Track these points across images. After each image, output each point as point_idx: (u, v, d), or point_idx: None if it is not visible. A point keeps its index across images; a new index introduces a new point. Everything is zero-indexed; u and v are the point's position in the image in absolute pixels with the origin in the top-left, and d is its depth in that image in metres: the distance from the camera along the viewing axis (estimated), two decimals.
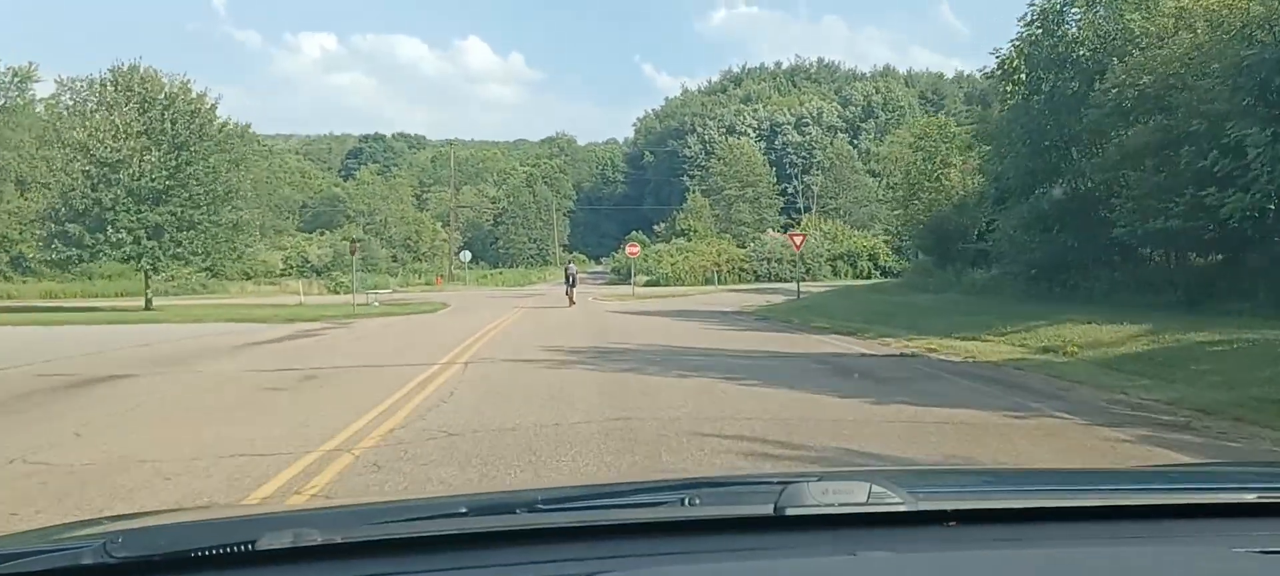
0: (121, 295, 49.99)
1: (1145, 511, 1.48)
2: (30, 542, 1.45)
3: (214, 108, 33.33)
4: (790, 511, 1.32)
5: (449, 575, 1.25)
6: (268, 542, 1.25)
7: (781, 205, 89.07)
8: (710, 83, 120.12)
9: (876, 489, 1.37)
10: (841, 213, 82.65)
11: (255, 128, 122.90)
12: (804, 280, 60.54)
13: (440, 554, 1.28)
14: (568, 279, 36.35)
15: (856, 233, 64.70)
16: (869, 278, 59.09)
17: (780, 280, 58.54)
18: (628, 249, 46.82)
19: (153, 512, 2.70)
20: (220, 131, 33.54)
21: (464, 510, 1.44)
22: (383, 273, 69.54)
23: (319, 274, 65.08)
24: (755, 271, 59.05)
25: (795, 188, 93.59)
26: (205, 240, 32.26)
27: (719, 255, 60.22)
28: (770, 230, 68.22)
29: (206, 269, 35.83)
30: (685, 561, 1.27)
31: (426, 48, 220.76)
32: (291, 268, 66.38)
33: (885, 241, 58.69)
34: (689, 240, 71.33)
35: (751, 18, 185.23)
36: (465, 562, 1.26)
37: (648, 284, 58.94)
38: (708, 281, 57.89)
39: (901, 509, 1.36)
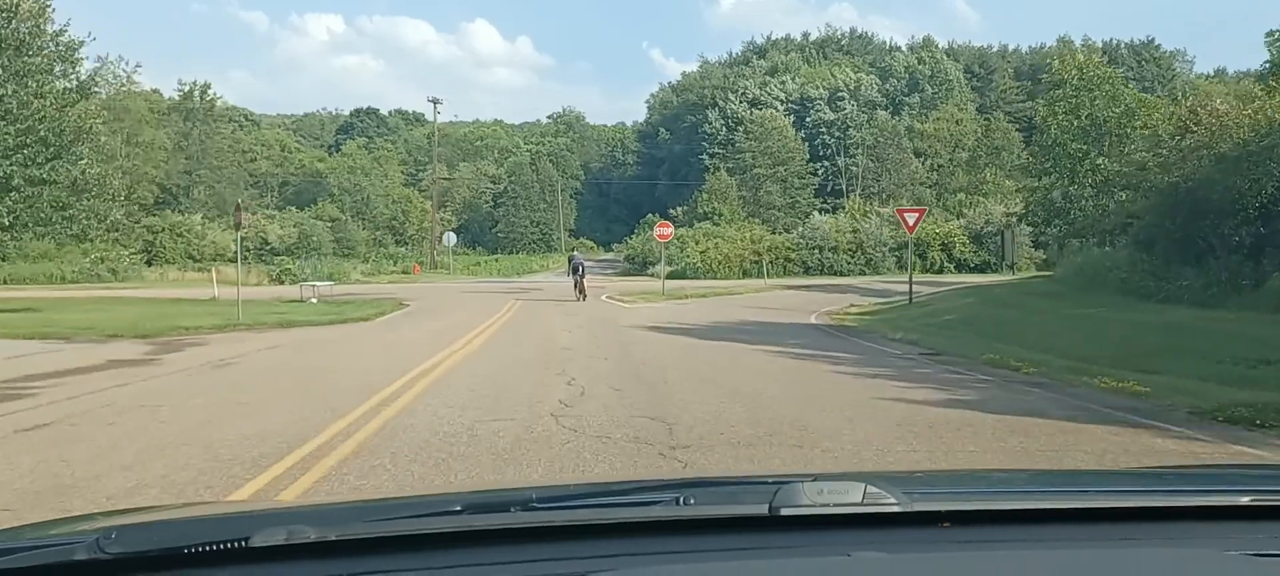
0: (23, 282, 38.58)
1: (1140, 513, 1.42)
2: (24, 537, 1.37)
3: (45, 9, 21.62)
4: (785, 511, 1.27)
5: (443, 573, 1.20)
6: (261, 539, 1.19)
7: (816, 187, 77.05)
8: (731, 55, 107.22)
9: (871, 489, 1.32)
10: (885, 196, 70.70)
11: (258, 110, 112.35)
12: (865, 275, 48.87)
13: (434, 552, 1.23)
14: (574, 269, 28.16)
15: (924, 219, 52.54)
16: (941, 272, 47.33)
17: (837, 272, 46.77)
18: (656, 230, 34.14)
19: (147, 508, 2.47)
20: (55, 43, 21.82)
21: (459, 508, 1.37)
22: (355, 258, 57.89)
23: (278, 256, 53.45)
24: (804, 262, 47.28)
25: (830, 169, 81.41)
26: (20, 206, 20.59)
27: (758, 242, 48.38)
28: (816, 213, 56.36)
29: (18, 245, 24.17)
30: (680, 560, 1.24)
31: (433, 30, 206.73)
32: (248, 250, 54.63)
33: (1017, 221, 46.31)
34: (715, 224, 59.42)
35: (760, 5, 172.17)
36: (460, 560, 1.22)
37: (668, 276, 47.37)
38: (746, 273, 46.20)
39: (896, 509, 1.31)
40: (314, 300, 28.19)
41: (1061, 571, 1.21)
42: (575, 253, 33.44)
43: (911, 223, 24.43)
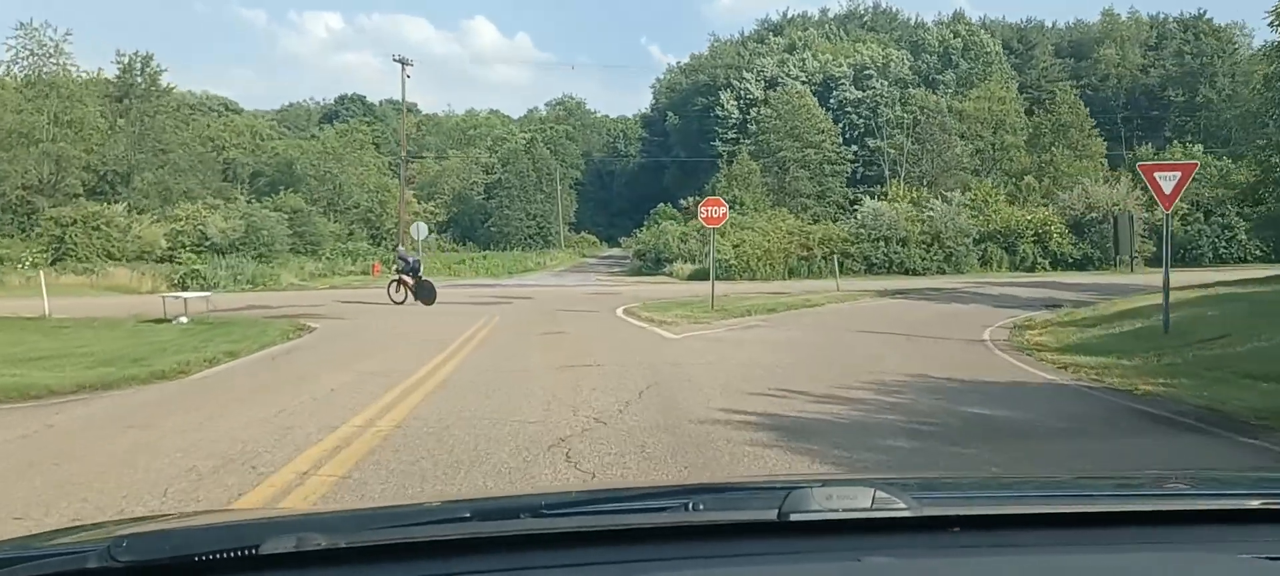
0: None
1: (1149, 517, 1.37)
2: (35, 546, 1.36)
3: None
4: (794, 517, 1.24)
5: None
6: (272, 547, 1.18)
7: (847, 174, 66.39)
8: (743, 34, 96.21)
9: (881, 495, 1.28)
10: (927, 181, 60.03)
11: (253, 106, 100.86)
12: (944, 272, 38.25)
13: (444, 559, 1.20)
14: (411, 271, 22.22)
15: (1009, 205, 41.69)
16: (1034, 268, 36.73)
17: (908, 271, 36.08)
18: (702, 210, 21.45)
19: (158, 516, 2.37)
20: None
21: (468, 515, 1.36)
22: (315, 256, 47.22)
23: (222, 254, 42.75)
24: (867, 258, 36.67)
25: (859, 152, 70.61)
26: None
27: (806, 234, 37.78)
28: (868, 199, 45.74)
29: None
30: (689, 566, 1.21)
31: (432, 28, 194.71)
32: (181, 246, 43.92)
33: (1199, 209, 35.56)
34: (741, 214, 48.76)
35: (760, 4, 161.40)
36: (469, 567, 1.19)
37: (692, 277, 36.94)
38: (792, 272, 35.63)
39: (906, 515, 1.27)
40: (182, 320, 17.64)
41: None
42: (401, 248, 23.84)
43: (1169, 190, 13.48)
